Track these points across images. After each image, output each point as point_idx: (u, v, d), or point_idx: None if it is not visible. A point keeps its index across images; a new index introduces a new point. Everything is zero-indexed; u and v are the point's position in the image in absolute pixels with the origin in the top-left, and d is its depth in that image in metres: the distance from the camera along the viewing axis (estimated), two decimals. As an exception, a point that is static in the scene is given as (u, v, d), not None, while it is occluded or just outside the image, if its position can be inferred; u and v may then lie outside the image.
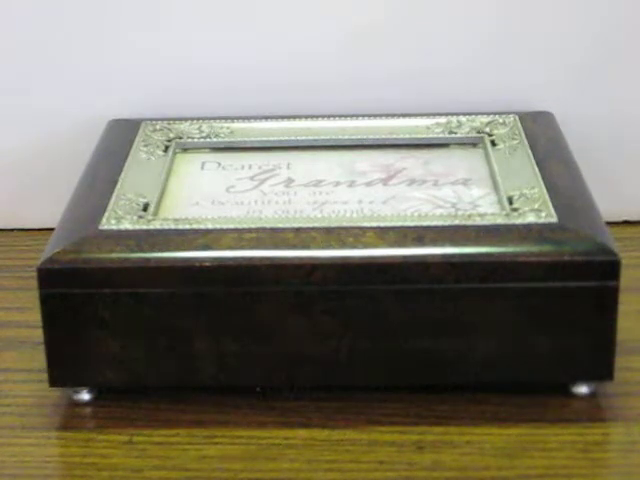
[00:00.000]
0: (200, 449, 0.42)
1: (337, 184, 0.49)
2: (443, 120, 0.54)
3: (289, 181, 0.49)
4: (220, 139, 0.53)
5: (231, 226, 0.44)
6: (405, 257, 0.42)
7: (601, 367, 0.43)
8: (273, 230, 0.43)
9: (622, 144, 0.59)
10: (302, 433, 0.43)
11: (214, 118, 0.55)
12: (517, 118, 0.53)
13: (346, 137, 0.53)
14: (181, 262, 0.42)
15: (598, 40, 0.57)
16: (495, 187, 0.47)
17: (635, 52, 0.57)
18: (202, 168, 0.51)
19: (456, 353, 0.43)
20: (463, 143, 0.52)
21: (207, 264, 0.42)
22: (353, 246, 0.42)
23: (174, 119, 0.55)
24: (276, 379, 0.44)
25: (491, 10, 0.57)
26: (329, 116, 0.55)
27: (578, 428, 0.43)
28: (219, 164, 0.51)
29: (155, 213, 0.46)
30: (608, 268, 0.42)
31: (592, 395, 0.44)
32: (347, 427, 0.43)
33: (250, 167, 0.51)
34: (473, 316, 0.42)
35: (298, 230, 0.43)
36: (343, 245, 0.42)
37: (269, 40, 0.58)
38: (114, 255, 0.42)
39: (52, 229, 0.45)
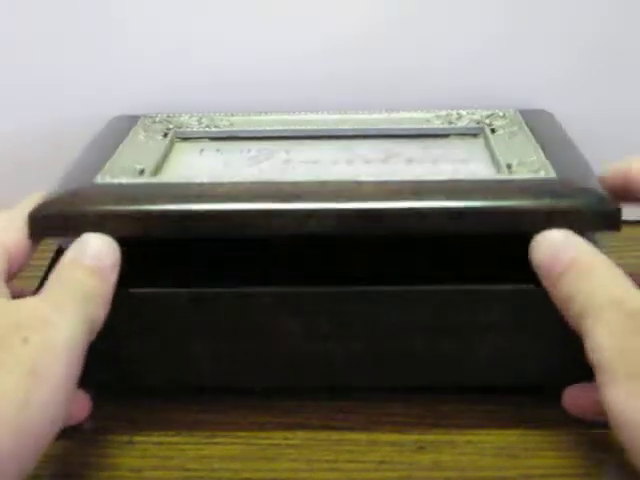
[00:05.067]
0: (200, 449, 0.42)
1: (335, 163, 0.48)
2: (443, 113, 0.54)
3: (287, 161, 0.49)
4: (219, 129, 0.53)
5: (226, 180, 0.43)
6: (403, 208, 0.41)
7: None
8: (269, 183, 0.43)
9: (622, 144, 0.59)
10: (302, 433, 0.43)
11: (215, 113, 0.55)
12: (517, 112, 0.53)
13: (346, 127, 0.53)
14: (176, 212, 0.41)
15: (598, 40, 0.57)
16: (494, 162, 0.47)
17: (635, 52, 0.57)
18: (200, 154, 0.51)
19: (454, 354, 0.43)
20: (463, 134, 0.52)
21: (201, 211, 0.41)
22: (349, 197, 0.42)
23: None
24: (275, 379, 0.44)
25: (490, 10, 0.57)
26: (329, 110, 0.55)
27: (578, 428, 0.43)
28: (218, 150, 0.51)
29: (152, 177, 0.45)
30: (609, 217, 0.41)
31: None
32: (347, 427, 0.43)
33: (249, 151, 0.51)
34: (472, 317, 0.42)
35: (295, 183, 0.43)
36: (339, 195, 0.42)
37: (270, 39, 0.58)
38: (108, 203, 0.42)
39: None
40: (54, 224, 0.42)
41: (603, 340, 0.36)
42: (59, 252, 0.42)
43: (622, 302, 0.37)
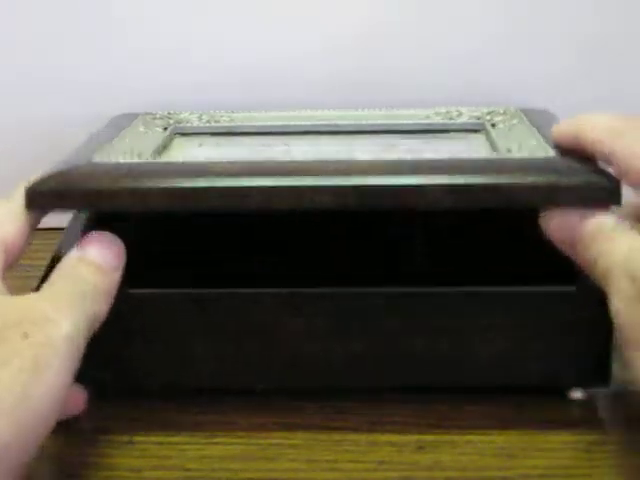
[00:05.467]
0: (200, 449, 0.42)
1: (337, 152, 0.48)
2: (443, 110, 0.53)
3: (287, 151, 0.49)
4: (219, 124, 0.53)
5: (223, 159, 0.43)
6: (402, 184, 0.41)
7: (598, 372, 0.43)
8: (267, 161, 0.43)
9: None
10: (302, 433, 0.43)
11: (215, 111, 0.55)
12: (518, 110, 0.53)
13: (345, 122, 0.53)
14: (174, 188, 0.41)
15: (598, 40, 0.57)
16: (495, 150, 0.46)
17: (635, 51, 0.57)
18: (199, 146, 0.51)
19: (454, 355, 0.43)
20: (464, 130, 0.52)
21: (199, 187, 0.41)
22: (348, 173, 0.41)
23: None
24: (276, 380, 0.44)
25: (490, 10, 0.57)
26: (329, 107, 0.55)
27: (578, 428, 0.43)
28: (217, 144, 0.51)
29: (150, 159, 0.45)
30: (610, 193, 0.40)
31: (591, 396, 0.44)
32: (347, 427, 0.43)
33: (249, 146, 0.51)
34: (472, 318, 0.42)
35: (293, 161, 0.43)
36: (338, 171, 0.41)
37: (270, 39, 0.58)
38: (105, 179, 0.41)
39: (53, 229, 0.45)
40: (51, 199, 0.41)
41: (619, 307, 0.37)
42: (55, 260, 0.42)
43: (635, 270, 0.37)
